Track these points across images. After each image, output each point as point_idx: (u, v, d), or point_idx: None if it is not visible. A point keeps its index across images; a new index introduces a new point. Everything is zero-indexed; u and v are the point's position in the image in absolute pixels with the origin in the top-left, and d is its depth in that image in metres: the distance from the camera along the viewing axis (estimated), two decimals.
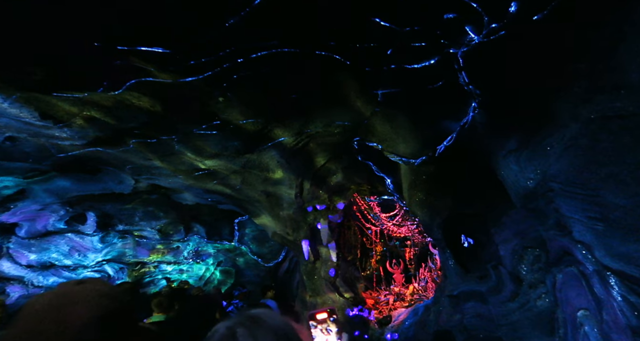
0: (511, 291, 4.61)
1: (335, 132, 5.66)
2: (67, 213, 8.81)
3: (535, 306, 4.27)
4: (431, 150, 4.44)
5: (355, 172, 6.69)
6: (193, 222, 11.60)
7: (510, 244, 4.77)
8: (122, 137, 5.19)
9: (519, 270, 4.61)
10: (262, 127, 5.34)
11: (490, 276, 4.84)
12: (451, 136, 4.06)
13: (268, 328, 0.89)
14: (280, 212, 7.59)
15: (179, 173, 6.54)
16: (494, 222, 4.95)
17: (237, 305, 9.84)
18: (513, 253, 4.73)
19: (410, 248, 8.50)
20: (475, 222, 5.18)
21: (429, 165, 4.83)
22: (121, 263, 11.30)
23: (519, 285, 4.59)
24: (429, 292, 7.33)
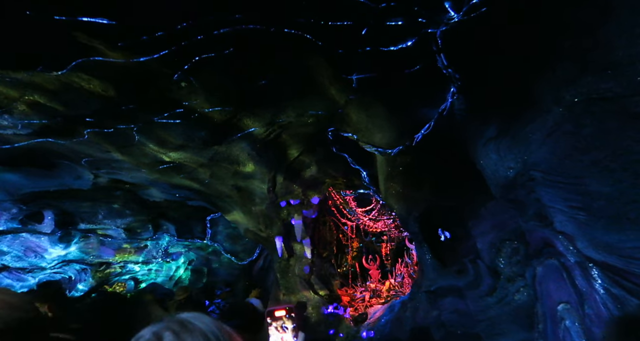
0: (489, 285, 4.48)
1: (309, 122, 5.38)
2: (20, 211, 8.13)
3: (514, 300, 4.15)
4: (408, 139, 4.23)
5: (330, 165, 6.44)
6: (162, 219, 11.06)
7: (488, 237, 4.65)
8: (74, 127, 4.72)
9: (497, 263, 4.49)
10: (230, 116, 4.99)
11: (468, 271, 4.70)
12: (429, 124, 3.86)
13: (198, 332, 0.86)
14: (253, 207, 7.25)
15: (142, 167, 6.09)
16: (471, 214, 4.81)
17: (220, 304, 9.47)
18: (491, 246, 4.60)
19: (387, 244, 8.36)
20: (453, 215, 5.04)
21: (405, 155, 4.63)
22: (84, 264, 10.64)
23: (497, 279, 4.46)
24: (406, 288, 7.20)
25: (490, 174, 3.76)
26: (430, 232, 5.16)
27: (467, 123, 3.65)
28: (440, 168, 4.59)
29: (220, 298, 9.85)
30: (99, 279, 11.07)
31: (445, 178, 4.71)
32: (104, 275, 11.24)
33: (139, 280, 12.22)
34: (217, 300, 9.75)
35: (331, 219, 8.01)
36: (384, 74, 3.85)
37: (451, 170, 4.55)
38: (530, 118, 3.21)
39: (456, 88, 3.43)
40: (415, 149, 4.32)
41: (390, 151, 4.41)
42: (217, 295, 10.57)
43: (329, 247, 7.94)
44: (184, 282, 13.02)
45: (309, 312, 7.16)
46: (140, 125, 4.77)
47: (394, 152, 4.35)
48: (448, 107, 3.63)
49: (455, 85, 3.42)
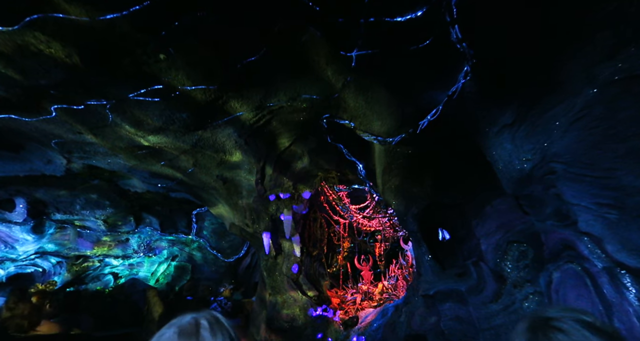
0: (493, 291, 4.08)
1: (302, 107, 4.93)
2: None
3: (522, 308, 3.74)
4: (411, 126, 3.80)
5: (324, 157, 5.99)
6: (144, 212, 10.53)
7: (493, 238, 4.25)
8: (38, 101, 4.21)
9: (503, 267, 4.09)
10: (215, 96, 4.52)
11: (470, 274, 4.29)
12: (436, 109, 3.44)
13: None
14: (239, 200, 6.78)
15: (119, 152, 5.58)
16: (475, 213, 4.41)
17: (222, 302, 9.03)
18: (496, 248, 4.20)
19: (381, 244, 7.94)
20: (455, 213, 4.63)
21: (407, 145, 4.20)
22: (59, 257, 10.05)
23: (502, 284, 4.06)
24: (399, 291, 6.78)
25: (503, 167, 3.35)
26: (430, 231, 4.75)
27: (480, 108, 3.23)
28: (445, 160, 4.17)
29: (223, 296, 9.44)
30: (75, 273, 10.47)
31: (449, 173, 4.30)
32: (81, 269, 10.65)
33: (119, 275, 11.65)
34: (220, 297, 9.35)
35: (322, 216, 7.57)
36: (387, 50, 3.42)
37: (456, 163, 4.14)
38: (554, 101, 2.80)
39: (470, 66, 3.01)
40: (419, 138, 3.89)
41: (391, 140, 3.98)
42: (220, 292, 10.16)
43: (319, 246, 7.49)
44: (167, 278, 12.48)
45: (295, 314, 6.71)
46: (113, 102, 4.27)
47: (395, 140, 3.92)
48: (459, 90, 3.20)
49: (469, 63, 3.00)
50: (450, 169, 4.22)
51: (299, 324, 6.71)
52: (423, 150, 4.18)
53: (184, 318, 0.98)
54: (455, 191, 4.42)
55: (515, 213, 3.98)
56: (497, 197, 4.15)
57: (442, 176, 4.36)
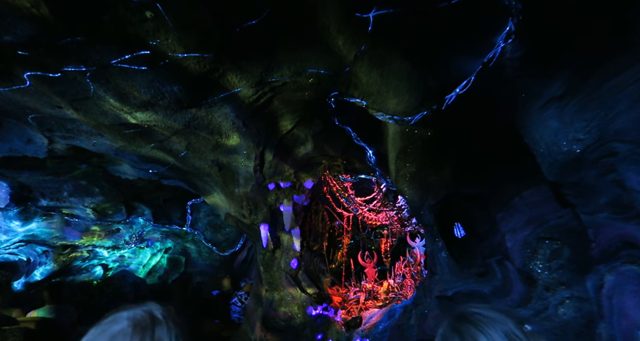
0: (521, 294, 3.59)
1: (308, 83, 4.41)
2: None
3: (557, 315, 3.25)
4: (435, 102, 3.29)
5: (329, 142, 5.48)
6: (136, 201, 10.02)
7: (521, 234, 3.75)
8: (7, 65, 3.68)
9: (532, 267, 3.60)
10: (210, 67, 4.00)
11: (493, 274, 3.80)
12: (468, 79, 2.92)
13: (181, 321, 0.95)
14: (236, 189, 6.26)
15: (104, 130, 5.06)
16: (501, 205, 3.91)
17: (242, 296, 8.64)
18: (524, 245, 3.71)
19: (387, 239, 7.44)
20: (477, 205, 4.13)
21: (427, 126, 3.69)
22: (45, 246, 9.54)
23: (531, 286, 3.57)
24: (407, 290, 6.30)
25: (545, 149, 2.84)
26: (448, 225, 4.24)
27: (521, 77, 2.72)
28: (469, 144, 3.66)
29: (243, 291, 9.07)
30: (61, 263, 9.97)
31: (473, 159, 3.79)
32: (68, 260, 10.14)
33: (108, 267, 11.15)
34: (241, 292, 9.00)
35: (325, 208, 7.07)
36: (411, 8, 2.89)
37: (483, 147, 3.63)
38: (620, 66, 2.29)
39: (515, 25, 2.49)
40: (442, 117, 3.38)
41: (410, 118, 3.47)
42: (241, 287, 9.79)
43: (320, 240, 7.00)
44: (159, 272, 12.00)
45: (293, 312, 6.23)
46: (94, 69, 3.74)
47: (415, 118, 3.41)
48: (497, 55, 2.69)
49: (513, 20, 2.48)
50: (475, 154, 3.71)
51: (296, 323, 6.23)
52: (445, 131, 3.67)
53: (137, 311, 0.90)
54: (479, 180, 3.91)
55: (550, 206, 3.48)
56: (529, 187, 3.64)
57: (465, 162, 3.86)
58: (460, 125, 3.51)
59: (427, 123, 3.64)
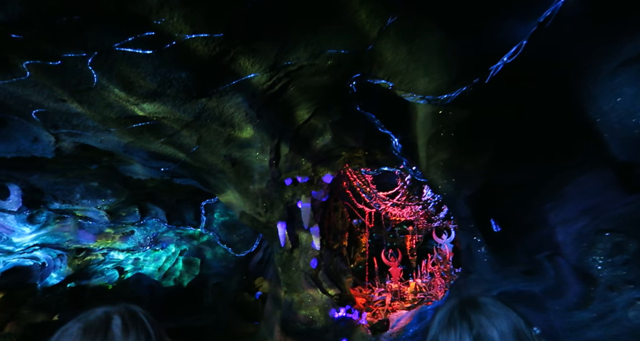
0: (579, 294, 3.14)
1: (326, 66, 4.05)
2: None
3: (627, 319, 2.80)
4: (476, 75, 2.87)
5: (349, 131, 5.09)
6: (149, 202, 9.80)
7: (575, 226, 3.30)
8: (3, 52, 3.41)
9: (590, 263, 3.14)
10: (220, 49, 3.66)
11: (543, 272, 3.36)
12: (518, 44, 2.50)
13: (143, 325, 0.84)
14: (250, 185, 5.93)
15: (110, 125, 4.78)
16: (549, 193, 3.46)
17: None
18: (579, 239, 3.25)
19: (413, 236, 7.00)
20: (520, 195, 3.68)
21: (463, 106, 3.27)
22: (59, 249, 9.39)
23: (590, 285, 3.12)
24: (437, 290, 5.86)
25: (617, 122, 2.40)
26: (486, 217, 3.81)
27: (588, 36, 2.28)
28: (515, 123, 3.23)
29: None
30: (76, 267, 9.81)
31: (518, 140, 3.35)
32: (83, 263, 9.98)
33: (124, 270, 10.98)
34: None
35: (344, 204, 6.68)
36: None
37: (531, 126, 3.19)
38: None
39: None
40: (483, 93, 2.96)
41: (446, 96, 3.06)
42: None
43: (340, 238, 6.62)
44: (175, 274, 11.79)
45: (314, 315, 5.86)
46: (95, 54, 3.44)
47: (452, 97, 3.00)
48: (556, 13, 2.26)
49: None
50: (521, 136, 3.28)
51: (318, 327, 5.86)
52: (485, 111, 3.25)
53: (94, 312, 0.84)
54: (524, 166, 3.48)
55: (612, 193, 3.03)
56: (584, 172, 3.19)
57: (508, 146, 3.43)
58: (504, 102, 3.09)
59: (464, 103, 3.22)
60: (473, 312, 0.89)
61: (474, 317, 0.87)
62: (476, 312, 0.89)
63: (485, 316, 0.88)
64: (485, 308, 0.90)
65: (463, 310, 0.90)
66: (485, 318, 0.87)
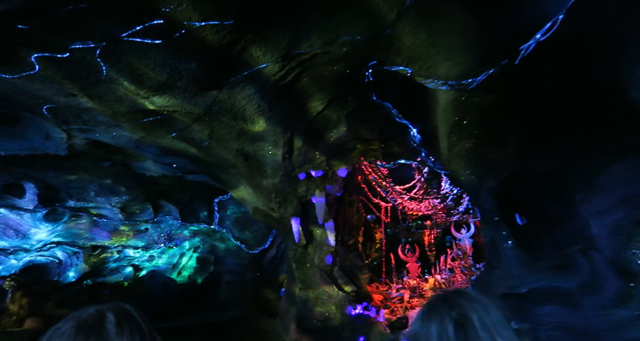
0: (616, 290, 2.93)
1: (341, 54, 3.88)
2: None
3: None
4: (504, 57, 2.67)
5: (364, 122, 4.92)
6: (162, 199, 9.79)
7: (611, 217, 3.08)
8: (10, 44, 3.34)
9: (629, 257, 2.93)
10: (230, 38, 3.53)
11: (577, 266, 3.15)
12: (554, 19, 2.29)
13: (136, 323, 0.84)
14: (263, 180, 5.82)
15: (121, 120, 4.71)
16: (582, 183, 3.24)
17: None
18: (615, 231, 3.04)
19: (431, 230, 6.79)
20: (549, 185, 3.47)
21: (489, 91, 3.07)
22: (75, 247, 9.46)
23: (630, 281, 2.90)
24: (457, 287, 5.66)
25: None
26: (513, 209, 3.61)
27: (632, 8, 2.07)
28: (544, 109, 3.02)
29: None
30: (92, 264, 9.88)
31: (548, 127, 3.14)
32: (99, 260, 10.05)
33: (139, 267, 11.03)
34: None
35: (359, 199, 6.51)
36: None
37: (562, 111, 2.97)
38: None
39: None
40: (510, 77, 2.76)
41: (472, 80, 2.87)
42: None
43: (355, 233, 6.46)
44: (189, 271, 11.81)
45: (330, 312, 5.72)
46: (103, 45, 3.35)
47: (477, 81, 2.81)
48: None
49: None
50: (551, 122, 3.07)
51: (334, 324, 5.72)
52: (513, 95, 3.04)
53: (87, 310, 0.83)
54: (554, 154, 3.27)
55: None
56: (621, 159, 2.97)
57: (536, 133, 3.22)
58: (534, 85, 2.88)
59: (490, 87, 3.02)
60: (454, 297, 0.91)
61: (455, 300, 0.88)
62: (457, 296, 0.90)
63: (466, 299, 0.88)
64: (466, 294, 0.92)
65: (445, 297, 0.92)
66: (466, 301, 0.88)
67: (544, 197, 3.50)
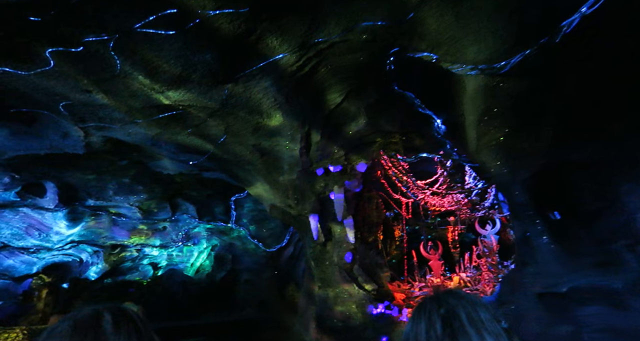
0: None
1: (360, 41, 3.70)
2: (13, 181, 7.01)
3: None
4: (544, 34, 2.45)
5: (385, 114, 4.72)
6: (179, 198, 9.80)
7: None
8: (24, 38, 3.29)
9: None
10: (246, 27, 3.40)
11: (623, 263, 2.91)
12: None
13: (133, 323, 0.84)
14: (280, 177, 5.69)
15: (136, 116, 4.65)
16: (628, 173, 2.99)
17: None
18: None
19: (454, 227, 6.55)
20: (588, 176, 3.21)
21: (524, 75, 2.84)
22: (95, 246, 9.55)
23: None
24: (484, 285, 5.42)
25: None
26: (548, 202, 3.37)
27: None
28: (585, 92, 2.77)
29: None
30: (112, 263, 9.97)
31: (589, 112, 2.89)
32: (118, 259, 10.13)
33: (158, 266, 11.09)
34: None
35: (378, 194, 6.31)
36: None
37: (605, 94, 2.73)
38: None
39: None
40: (549, 57, 2.53)
41: (505, 63, 2.65)
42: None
43: (374, 230, 6.27)
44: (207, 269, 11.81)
45: (351, 312, 5.56)
46: (116, 37, 3.26)
47: (511, 63, 2.59)
48: None
49: None
50: (592, 106, 2.82)
51: (356, 324, 5.56)
52: (550, 78, 2.81)
53: (83, 310, 0.83)
54: (594, 142, 3.02)
55: None
56: None
57: (575, 119, 2.97)
58: (576, 66, 2.64)
59: (525, 71, 2.79)
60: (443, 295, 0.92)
61: (444, 298, 0.90)
62: (446, 295, 0.91)
63: (454, 298, 0.90)
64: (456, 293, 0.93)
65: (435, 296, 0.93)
66: (454, 299, 0.89)
67: (583, 189, 3.25)
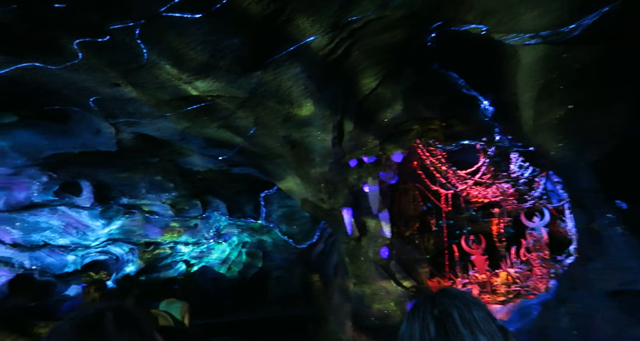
0: None
1: (397, 18, 3.41)
2: (51, 180, 7.17)
3: None
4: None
5: (423, 99, 4.38)
6: (210, 195, 9.82)
7: None
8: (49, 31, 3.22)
9: None
10: (275, 7, 3.19)
11: None
12: None
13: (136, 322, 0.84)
14: (311, 169, 5.47)
15: (165, 109, 4.56)
16: None
17: None
18: None
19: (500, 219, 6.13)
20: None
21: (594, 40, 2.47)
22: (130, 244, 9.71)
23: None
24: (536, 282, 4.99)
25: None
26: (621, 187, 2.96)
27: None
28: None
29: None
30: (146, 260, 10.11)
31: None
32: (152, 257, 10.27)
33: (190, 263, 11.19)
34: None
35: (415, 186, 5.98)
36: None
37: None
38: None
39: None
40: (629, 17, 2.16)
41: (575, 25, 2.30)
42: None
43: (411, 224, 5.95)
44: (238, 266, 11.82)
45: (389, 310, 5.28)
46: (141, 23, 3.13)
47: (582, 26, 2.24)
48: None
49: None
50: None
51: (394, 322, 5.28)
52: (628, 42, 2.42)
53: (86, 310, 0.85)
54: None
55: None
56: None
57: None
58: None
59: (595, 35, 2.42)
60: (438, 295, 0.91)
61: (438, 299, 0.89)
62: (441, 295, 0.90)
63: (449, 297, 0.89)
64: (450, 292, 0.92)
65: (429, 296, 0.92)
66: (448, 299, 0.88)
67: None
